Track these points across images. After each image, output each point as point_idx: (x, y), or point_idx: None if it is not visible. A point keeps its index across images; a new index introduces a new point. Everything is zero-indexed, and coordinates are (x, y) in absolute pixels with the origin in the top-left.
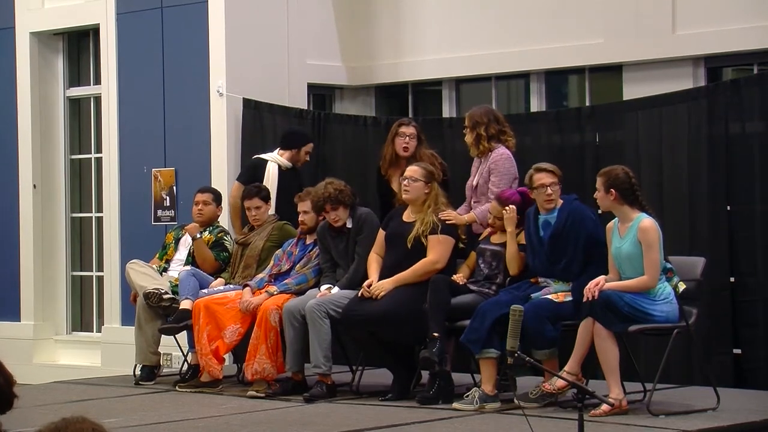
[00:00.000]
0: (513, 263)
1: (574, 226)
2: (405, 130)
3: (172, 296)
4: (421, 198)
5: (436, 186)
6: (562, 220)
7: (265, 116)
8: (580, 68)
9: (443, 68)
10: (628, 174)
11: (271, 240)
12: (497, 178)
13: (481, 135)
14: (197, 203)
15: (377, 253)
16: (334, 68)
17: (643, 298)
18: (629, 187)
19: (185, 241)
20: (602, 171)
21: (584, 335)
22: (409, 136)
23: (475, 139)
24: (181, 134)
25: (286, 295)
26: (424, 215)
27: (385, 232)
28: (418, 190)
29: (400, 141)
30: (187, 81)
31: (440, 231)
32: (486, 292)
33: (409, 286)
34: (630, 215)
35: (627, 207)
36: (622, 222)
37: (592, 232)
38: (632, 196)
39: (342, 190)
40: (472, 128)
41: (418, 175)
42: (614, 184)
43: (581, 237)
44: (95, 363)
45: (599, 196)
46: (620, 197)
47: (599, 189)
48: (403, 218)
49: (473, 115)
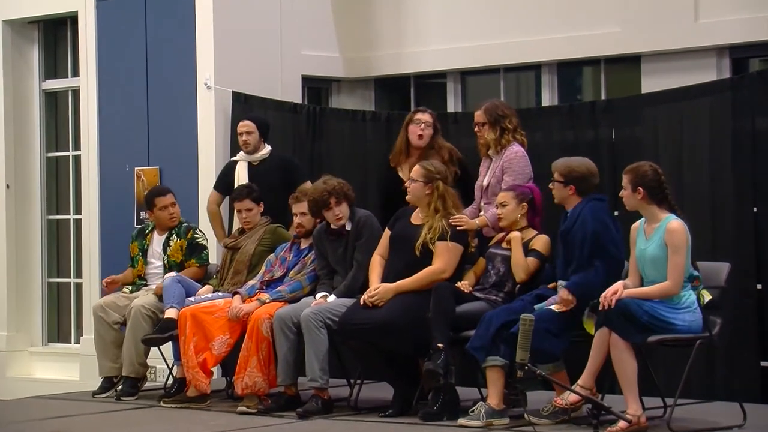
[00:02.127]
0: (519, 270)
1: (581, 227)
2: (421, 117)
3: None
4: (424, 200)
5: (441, 186)
6: (571, 219)
7: (257, 111)
8: (595, 59)
9: (448, 59)
10: (657, 171)
11: (262, 244)
12: (511, 178)
13: (507, 128)
14: (165, 207)
15: (381, 255)
16: (330, 59)
17: (664, 307)
18: (658, 185)
19: (153, 252)
20: (628, 168)
21: (599, 346)
22: (425, 124)
23: (500, 135)
24: (166, 131)
25: (279, 303)
26: (432, 220)
27: (391, 233)
28: (418, 191)
29: (415, 128)
30: (172, 73)
31: (450, 237)
32: (493, 299)
33: (412, 294)
34: (658, 215)
35: (655, 207)
36: (649, 222)
37: (595, 231)
38: (661, 194)
39: (342, 185)
40: (494, 123)
41: (417, 175)
42: (642, 181)
43: (587, 239)
44: (73, 377)
45: (625, 195)
46: (648, 196)
47: (625, 187)
48: (411, 220)
49: (494, 108)
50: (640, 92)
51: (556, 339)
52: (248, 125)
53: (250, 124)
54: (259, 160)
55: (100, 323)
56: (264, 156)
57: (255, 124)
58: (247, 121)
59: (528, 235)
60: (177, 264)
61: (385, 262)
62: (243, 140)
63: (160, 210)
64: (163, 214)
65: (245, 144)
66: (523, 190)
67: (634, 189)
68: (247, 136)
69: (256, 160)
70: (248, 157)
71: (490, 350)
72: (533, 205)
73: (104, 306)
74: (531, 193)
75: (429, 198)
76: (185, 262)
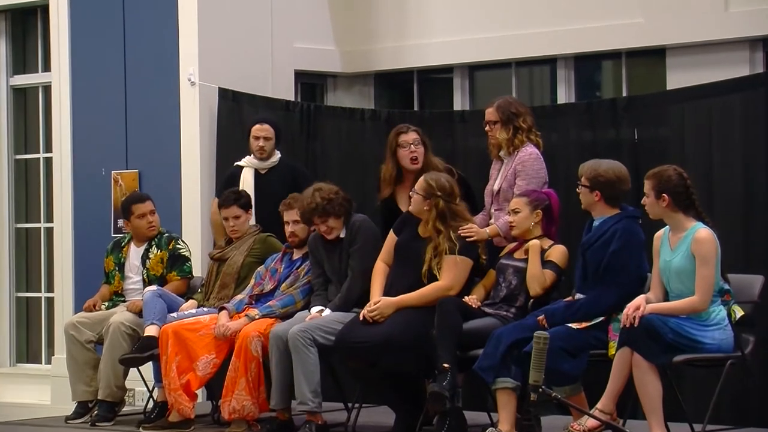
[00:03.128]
0: (534, 282)
1: (604, 246)
2: (406, 138)
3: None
4: (423, 215)
5: (441, 204)
6: (596, 233)
7: (245, 109)
8: (615, 52)
9: (454, 52)
10: (682, 175)
11: (252, 255)
12: (525, 182)
13: (520, 128)
14: (143, 215)
15: (384, 261)
16: (325, 53)
17: (691, 324)
18: (684, 190)
19: (131, 265)
20: (651, 173)
21: (620, 367)
22: (413, 144)
23: (513, 135)
24: (146, 131)
25: (270, 319)
26: (435, 240)
27: (396, 239)
28: (418, 204)
29: (405, 153)
30: (152, 67)
31: (459, 251)
32: (504, 315)
33: (415, 309)
34: (684, 224)
35: (681, 214)
36: (675, 232)
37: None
38: (687, 201)
39: (332, 199)
40: (506, 121)
41: (418, 187)
42: (666, 187)
43: (605, 258)
44: (44, 400)
45: (648, 202)
46: (673, 203)
47: (648, 194)
48: (419, 231)
49: (507, 105)
50: (665, 88)
51: (573, 359)
52: (267, 130)
53: (269, 129)
54: (268, 168)
55: (72, 343)
56: (273, 163)
57: (273, 129)
58: (266, 125)
59: (543, 245)
60: (157, 277)
61: (388, 271)
62: (259, 146)
63: (138, 218)
64: (141, 223)
65: (261, 150)
66: (539, 195)
67: (658, 196)
68: (265, 142)
69: (265, 168)
70: (256, 164)
71: (501, 371)
72: (549, 213)
73: (76, 324)
74: (547, 199)
75: (428, 214)
76: (166, 276)
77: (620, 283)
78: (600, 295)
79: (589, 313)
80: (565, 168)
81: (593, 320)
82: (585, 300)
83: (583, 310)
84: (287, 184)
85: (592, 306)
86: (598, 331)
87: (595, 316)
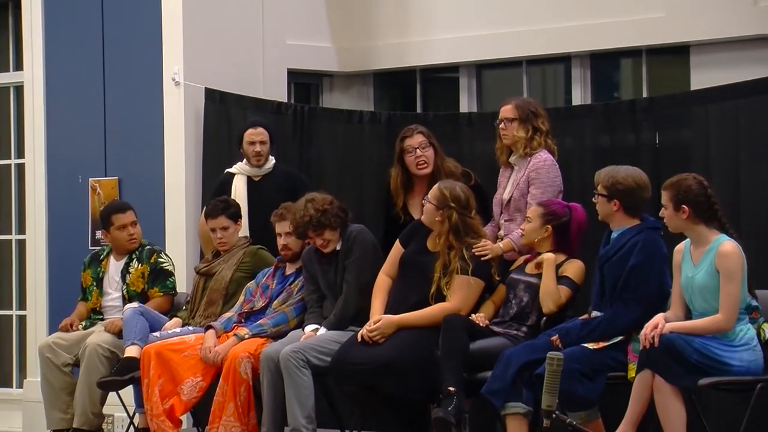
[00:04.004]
0: (548, 299)
1: (622, 260)
2: (411, 142)
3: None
4: (435, 226)
5: (454, 217)
6: (614, 246)
7: (234, 111)
8: (635, 49)
9: (460, 50)
10: (702, 184)
11: (241, 269)
12: (539, 190)
13: (540, 129)
14: (124, 227)
15: (388, 274)
16: (321, 50)
17: (717, 344)
18: (705, 200)
19: (110, 280)
20: (669, 182)
21: (641, 391)
22: (420, 147)
23: (531, 135)
24: (127, 135)
25: (261, 339)
26: (445, 257)
27: (403, 251)
28: (430, 215)
29: (411, 158)
30: (133, 67)
31: (472, 271)
32: (514, 334)
33: (418, 329)
34: (707, 237)
35: (703, 227)
36: (697, 245)
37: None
38: (709, 212)
39: (326, 210)
40: (525, 120)
41: (431, 196)
42: (686, 198)
43: (624, 274)
44: (15, 427)
45: (667, 215)
46: (694, 215)
47: (666, 205)
48: (428, 244)
49: (526, 104)
50: (689, 88)
51: (589, 382)
52: (262, 133)
53: (264, 133)
54: (262, 175)
55: (47, 366)
56: (268, 170)
57: (268, 133)
58: (260, 128)
59: (558, 259)
60: (138, 294)
61: (392, 285)
62: (256, 151)
63: (118, 230)
64: (121, 235)
65: (257, 156)
66: (556, 210)
67: (677, 207)
68: (261, 147)
69: (259, 175)
70: (249, 171)
71: (511, 395)
72: (563, 231)
73: (52, 345)
74: (566, 215)
75: (440, 226)
76: (148, 292)
77: (640, 300)
78: (618, 313)
79: (606, 332)
80: (580, 175)
81: (611, 340)
82: (602, 318)
83: (600, 329)
84: (284, 192)
85: (610, 324)
86: (616, 351)
87: (614, 336)
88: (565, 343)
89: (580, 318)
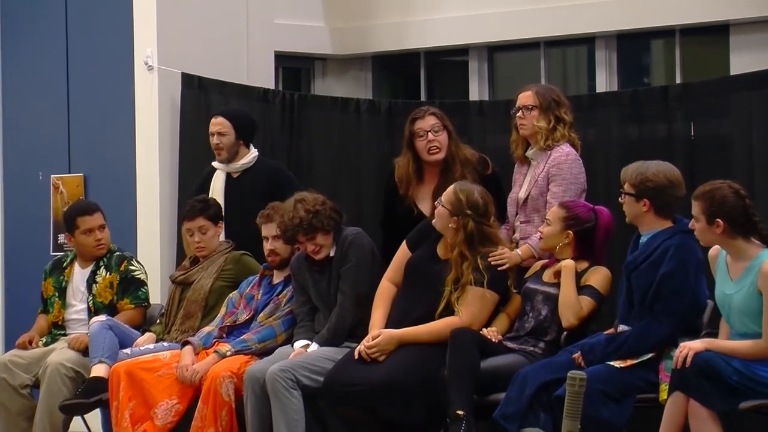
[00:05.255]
0: (568, 311)
1: (653, 266)
2: (422, 125)
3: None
4: (447, 233)
5: (470, 226)
6: (644, 251)
7: (214, 99)
8: (667, 29)
9: (470, 30)
10: (739, 193)
11: (223, 278)
12: (560, 188)
13: (563, 120)
14: (90, 231)
15: (391, 281)
16: (313, 30)
17: (762, 365)
18: (743, 211)
19: (75, 290)
20: (700, 192)
21: (674, 415)
22: (432, 131)
23: (554, 126)
24: (93, 127)
25: (245, 356)
26: (456, 269)
27: (410, 256)
28: (442, 220)
29: (423, 143)
30: (101, 50)
31: (487, 282)
32: (531, 351)
33: (422, 345)
34: (746, 251)
35: (741, 240)
36: (735, 259)
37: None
38: (747, 224)
39: (318, 212)
40: (546, 108)
41: (445, 199)
42: (721, 210)
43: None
44: None
45: (699, 228)
46: (730, 229)
47: (698, 218)
48: (438, 251)
49: (548, 91)
50: (728, 73)
51: (615, 404)
52: (220, 123)
53: (222, 122)
54: (240, 171)
55: (2, 388)
56: (248, 164)
57: (230, 122)
58: (219, 118)
59: (579, 266)
60: (106, 306)
61: (395, 293)
62: (214, 143)
63: (84, 234)
64: (87, 240)
65: (217, 149)
66: (581, 214)
67: (710, 221)
68: (219, 139)
69: (237, 171)
70: (227, 167)
71: (527, 419)
72: (587, 237)
73: (8, 365)
74: (591, 220)
75: (453, 235)
76: (117, 303)
77: (673, 312)
78: (649, 327)
79: (635, 348)
80: (605, 172)
81: (640, 357)
82: (630, 333)
83: (628, 345)
84: (262, 190)
85: (638, 340)
86: (646, 370)
87: (644, 353)
88: (588, 360)
89: (605, 333)
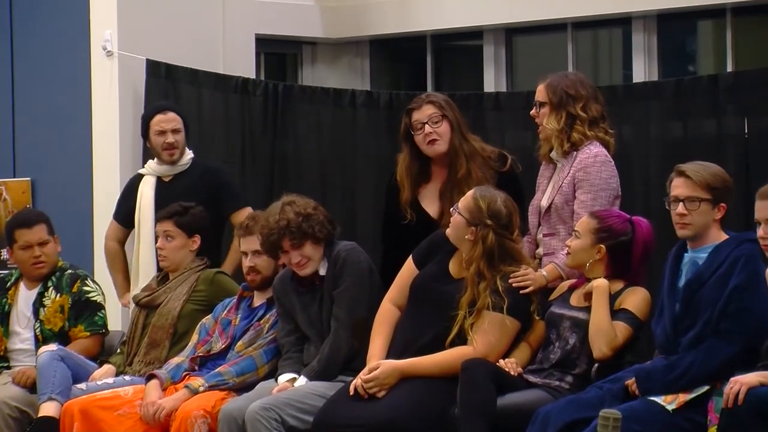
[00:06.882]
0: (599, 339)
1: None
2: (418, 116)
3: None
4: (463, 246)
5: (490, 239)
6: (713, 264)
7: (184, 89)
8: (716, 8)
9: (485, 10)
10: None
11: (194, 300)
12: (589, 195)
13: (578, 117)
14: (28, 246)
15: (394, 303)
16: (301, 10)
17: None
18: None
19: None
20: (764, 190)
21: None
22: (430, 122)
23: (567, 125)
24: (43, 123)
25: (221, 392)
26: (472, 289)
27: (417, 274)
28: (458, 230)
29: (420, 137)
30: (52, 33)
31: (507, 308)
32: (556, 386)
33: (429, 378)
34: None
35: None
36: None
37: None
38: None
39: (309, 216)
40: (558, 105)
41: (462, 206)
42: None
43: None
44: None
45: (762, 233)
46: None
47: (762, 221)
48: (450, 268)
49: (560, 82)
50: None
51: None
52: (174, 120)
53: (175, 118)
54: (173, 175)
55: None
56: (183, 167)
57: (181, 118)
58: (171, 114)
59: (614, 287)
60: (56, 333)
61: (399, 317)
62: (167, 143)
63: (22, 249)
64: (24, 256)
65: (170, 149)
66: (615, 226)
67: None
68: (175, 136)
69: (169, 175)
70: (159, 170)
71: None
72: (622, 253)
73: None
74: (628, 233)
75: (470, 248)
76: (70, 331)
77: (743, 332)
78: (715, 349)
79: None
80: (643, 176)
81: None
82: (694, 357)
83: (693, 372)
84: (196, 195)
85: (704, 365)
86: (692, 409)
87: (704, 382)
88: (644, 390)
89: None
